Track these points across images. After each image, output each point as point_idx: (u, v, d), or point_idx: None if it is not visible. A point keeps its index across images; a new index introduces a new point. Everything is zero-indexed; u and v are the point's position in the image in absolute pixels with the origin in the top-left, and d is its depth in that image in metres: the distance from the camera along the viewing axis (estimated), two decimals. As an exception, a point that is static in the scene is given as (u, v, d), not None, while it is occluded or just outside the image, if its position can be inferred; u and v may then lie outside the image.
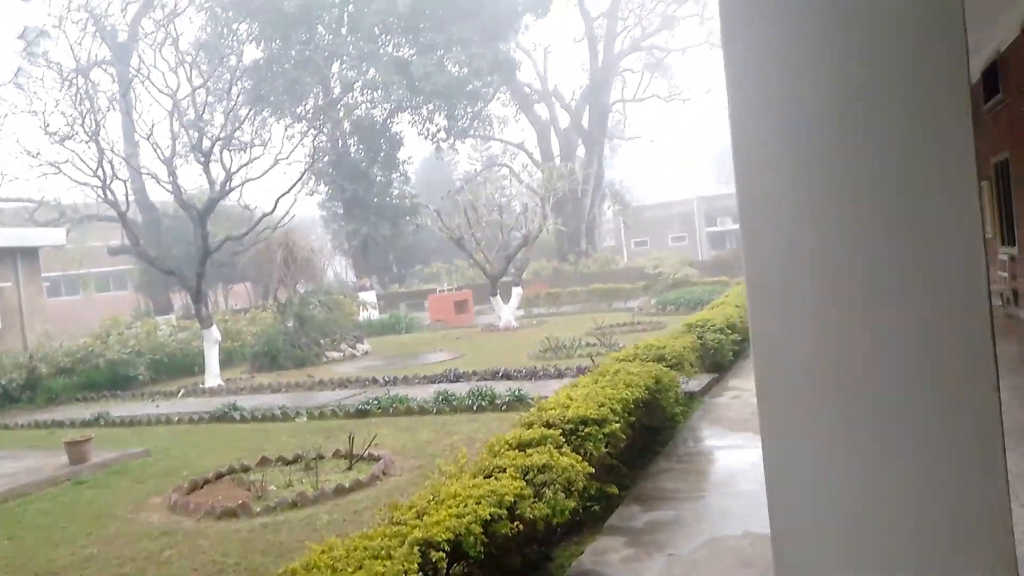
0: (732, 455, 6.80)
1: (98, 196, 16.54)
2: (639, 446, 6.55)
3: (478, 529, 3.64)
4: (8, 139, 48.10)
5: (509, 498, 3.93)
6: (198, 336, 17.65)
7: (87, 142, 15.67)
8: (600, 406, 5.34)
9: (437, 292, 29.59)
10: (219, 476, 7.66)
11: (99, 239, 37.68)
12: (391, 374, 13.85)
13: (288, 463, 7.96)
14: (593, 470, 4.72)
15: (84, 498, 7.44)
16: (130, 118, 21.50)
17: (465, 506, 3.75)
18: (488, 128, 42.92)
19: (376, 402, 10.55)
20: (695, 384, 9.23)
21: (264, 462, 8.05)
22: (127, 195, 18.41)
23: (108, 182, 16.14)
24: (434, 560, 3.36)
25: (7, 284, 20.83)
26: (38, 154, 15.88)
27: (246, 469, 7.80)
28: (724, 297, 15.37)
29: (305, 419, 10.62)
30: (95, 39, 18.95)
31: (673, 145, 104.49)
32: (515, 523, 3.91)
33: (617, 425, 5.27)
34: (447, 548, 3.45)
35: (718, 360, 10.48)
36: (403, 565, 3.19)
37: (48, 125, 15.46)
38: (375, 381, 13.36)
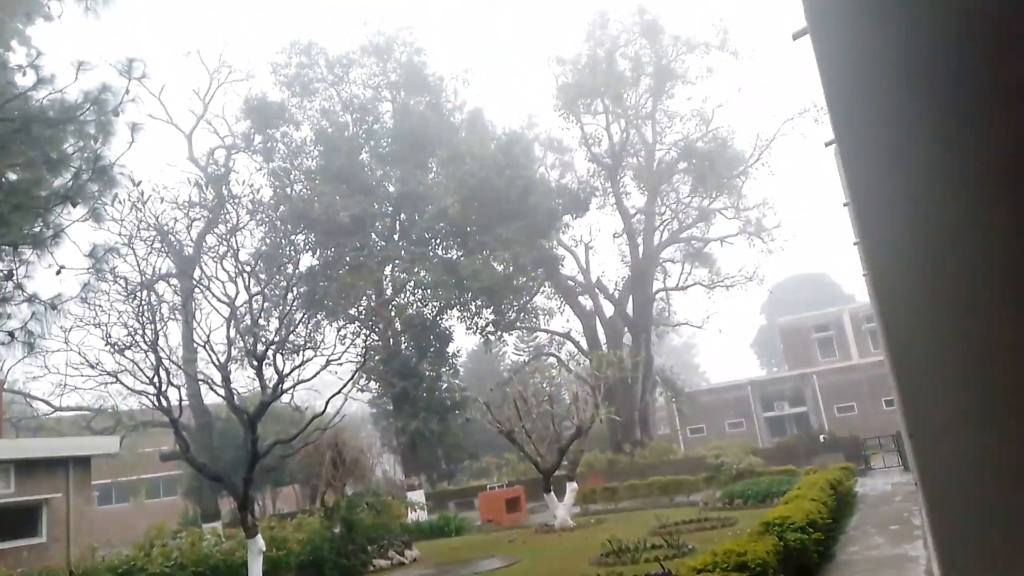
0: None
1: (152, 403, 16.69)
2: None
3: None
4: (70, 351, 50.10)
5: None
6: (243, 545, 16.95)
7: (146, 352, 16.08)
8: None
9: (488, 488, 28.53)
10: None
11: (152, 444, 38.05)
12: (443, 585, 12.91)
13: None
14: None
15: None
16: (189, 326, 22.28)
17: None
18: (534, 320, 43.55)
19: (428, 620, 9.69)
20: (781, 594, 8.28)
21: None
22: (180, 400, 18.60)
23: (163, 389, 16.35)
24: None
25: (57, 495, 20.66)
26: (98, 364, 16.29)
27: None
28: (797, 489, 14.32)
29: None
30: (160, 254, 20.09)
31: (718, 331, 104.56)
32: None
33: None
34: None
35: (803, 562, 9.50)
36: None
37: (110, 336, 15.97)
38: (426, 594, 12.44)
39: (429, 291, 36.68)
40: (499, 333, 41.29)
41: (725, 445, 28.90)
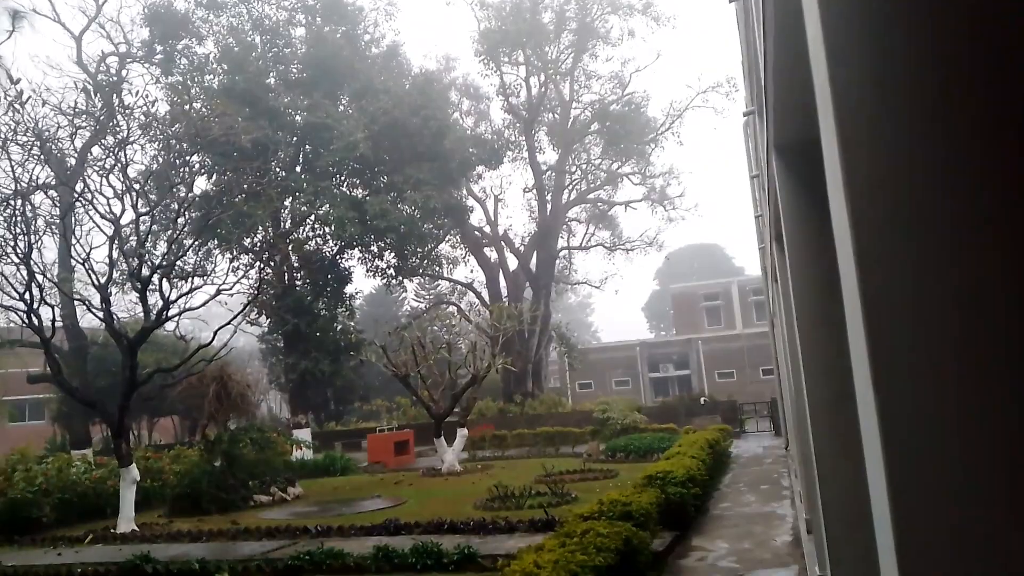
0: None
1: (22, 320, 15.57)
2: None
3: None
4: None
5: None
6: (115, 474, 16.24)
7: (17, 265, 14.92)
8: None
9: (376, 431, 28.41)
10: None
11: (19, 365, 35.65)
12: (324, 523, 12.77)
13: (203, 632, 6.94)
14: (570, 657, 4.06)
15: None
16: (68, 243, 20.78)
17: None
18: (437, 268, 43.25)
19: (308, 557, 9.54)
20: (658, 543, 8.61)
21: (175, 630, 7.00)
22: (53, 320, 17.44)
23: (35, 306, 15.26)
24: None
25: (-94, 412, 19.08)
26: (-39, 274, 14.99)
27: (153, 639, 6.75)
28: (678, 447, 14.92)
29: (226, 575, 9.49)
30: (40, 162, 18.53)
31: (615, 292, 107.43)
32: None
33: (591, 599, 4.65)
34: None
35: (679, 516, 9.91)
36: None
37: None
38: (306, 531, 12.26)
39: (331, 228, 35.61)
40: (400, 278, 40.80)
41: (612, 401, 29.81)
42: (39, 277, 15.53)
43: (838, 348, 3.36)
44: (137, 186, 18.90)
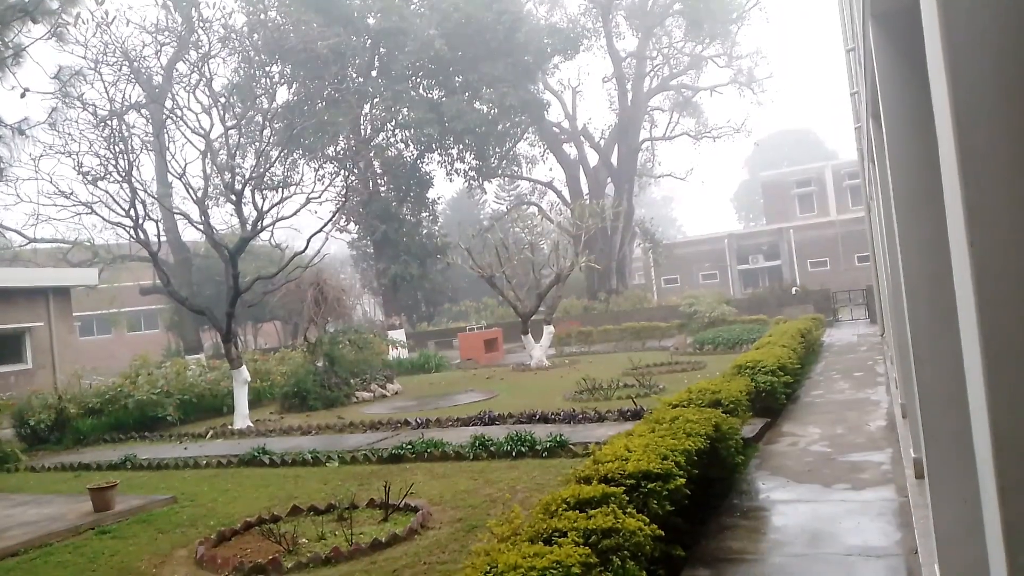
0: (799, 510, 6.26)
1: (130, 236, 16.49)
2: (699, 500, 6.05)
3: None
4: (41, 179, 49.07)
5: (576, 570, 3.48)
6: (227, 376, 17.41)
7: (120, 183, 15.68)
8: (663, 459, 4.88)
9: (467, 330, 29.24)
10: (247, 527, 7.26)
11: (131, 279, 38.12)
12: (423, 416, 13.43)
13: (320, 513, 7.55)
14: (663, 533, 4.24)
15: (107, 550, 7.06)
16: (163, 159, 21.63)
17: (528, 579, 3.31)
18: (516, 168, 42.96)
19: (410, 446, 10.11)
20: (748, 430, 8.70)
21: (295, 511, 7.64)
22: (159, 235, 18.43)
23: (140, 222, 16.10)
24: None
25: (39, 324, 20.84)
26: (72, 194, 15.91)
27: (276, 519, 7.39)
28: (768, 337, 14.78)
29: (336, 464, 10.20)
30: (130, 82, 19.14)
31: (700, 183, 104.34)
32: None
33: (682, 480, 4.80)
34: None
35: (769, 404, 9.93)
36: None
37: (82, 166, 15.50)
38: (407, 423, 12.94)
39: (410, 131, 35.68)
40: (480, 180, 40.81)
41: (699, 294, 29.57)
42: (141, 194, 16.32)
43: (936, 227, 3.24)
44: (222, 100, 19.37)
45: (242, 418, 15.52)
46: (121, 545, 7.19)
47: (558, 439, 9.26)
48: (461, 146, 37.09)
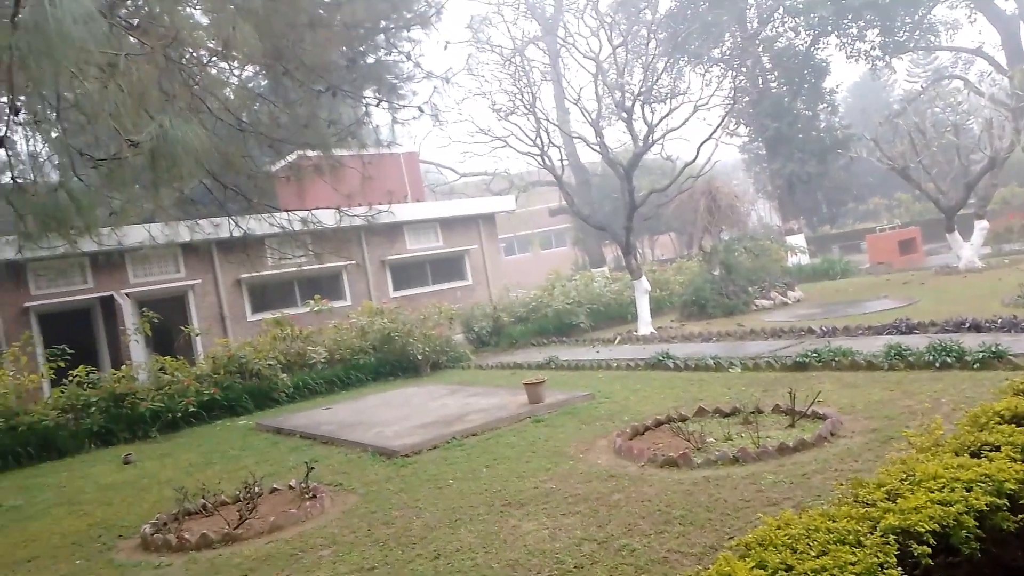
0: None
1: (538, 163, 18.22)
2: None
3: (971, 521, 2.95)
4: (463, 121, 56.51)
5: (1010, 485, 3.12)
6: (629, 286, 18.55)
7: (526, 115, 17.31)
8: None
9: (877, 231, 26.61)
10: (658, 423, 7.81)
11: (541, 202, 42.34)
12: (829, 324, 12.75)
13: (725, 415, 7.77)
14: None
15: (541, 435, 8.22)
16: (559, 87, 23.23)
17: (952, 491, 3.07)
18: (932, 38, 36.84)
19: (815, 354, 9.75)
20: None
21: (701, 412, 7.98)
22: (561, 160, 20.00)
23: (545, 149, 17.67)
24: (916, 554, 2.80)
25: (474, 247, 24.40)
26: (488, 130, 18.09)
27: (683, 419, 7.82)
28: None
29: (739, 370, 10.32)
30: (527, 17, 20.77)
31: None
32: (1019, 516, 3.11)
33: None
34: (932, 541, 2.85)
35: None
36: (877, 556, 2.70)
37: (494, 103, 17.47)
38: (811, 331, 12.44)
39: (800, 17, 32.75)
40: (887, 58, 35.90)
41: None
42: (544, 123, 17.85)
43: None
44: (608, 20, 19.97)
45: (645, 325, 16.46)
46: (552, 432, 8.30)
47: (993, 349, 8.10)
48: (862, 23, 32.93)
